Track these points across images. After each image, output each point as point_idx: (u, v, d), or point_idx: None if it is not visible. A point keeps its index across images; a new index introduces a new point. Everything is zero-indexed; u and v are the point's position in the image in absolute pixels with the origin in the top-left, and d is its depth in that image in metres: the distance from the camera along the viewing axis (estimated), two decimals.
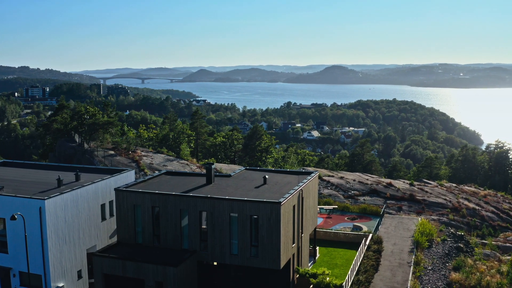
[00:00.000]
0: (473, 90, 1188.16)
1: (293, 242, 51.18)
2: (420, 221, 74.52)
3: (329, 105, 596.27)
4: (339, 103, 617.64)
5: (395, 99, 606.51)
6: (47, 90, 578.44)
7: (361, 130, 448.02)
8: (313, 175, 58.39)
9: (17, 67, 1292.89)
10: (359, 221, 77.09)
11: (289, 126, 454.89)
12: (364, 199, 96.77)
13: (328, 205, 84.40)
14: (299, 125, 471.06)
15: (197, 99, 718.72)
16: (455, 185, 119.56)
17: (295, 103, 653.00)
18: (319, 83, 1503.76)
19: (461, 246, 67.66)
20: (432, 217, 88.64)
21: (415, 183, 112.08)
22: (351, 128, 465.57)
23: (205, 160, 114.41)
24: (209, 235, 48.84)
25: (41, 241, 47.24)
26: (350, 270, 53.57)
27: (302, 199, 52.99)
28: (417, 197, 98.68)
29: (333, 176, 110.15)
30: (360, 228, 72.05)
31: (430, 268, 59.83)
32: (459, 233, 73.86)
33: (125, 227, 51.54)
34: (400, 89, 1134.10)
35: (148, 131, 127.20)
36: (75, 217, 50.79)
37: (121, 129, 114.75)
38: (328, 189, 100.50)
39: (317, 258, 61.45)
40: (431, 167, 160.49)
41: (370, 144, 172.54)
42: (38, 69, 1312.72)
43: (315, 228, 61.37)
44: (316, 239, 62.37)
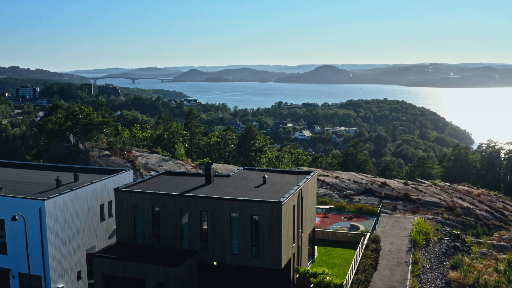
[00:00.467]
0: (463, 89, 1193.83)
1: (293, 241, 51.24)
2: (416, 220, 74.85)
3: (320, 105, 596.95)
4: (330, 103, 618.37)
5: (386, 98, 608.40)
6: (38, 90, 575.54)
7: (352, 129, 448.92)
8: (311, 174, 58.49)
9: (7, 67, 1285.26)
10: (355, 220, 77.32)
11: (281, 126, 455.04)
12: (359, 199, 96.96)
13: (324, 205, 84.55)
14: (291, 124, 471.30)
15: (188, 99, 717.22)
16: (448, 184, 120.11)
17: (286, 103, 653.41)
18: (310, 83, 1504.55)
19: (458, 245, 68.00)
20: (427, 216, 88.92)
21: (409, 182, 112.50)
22: (343, 127, 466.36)
23: (200, 160, 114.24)
24: (209, 235, 48.79)
25: (41, 242, 47.00)
26: (350, 269, 53.72)
27: (301, 198, 53.08)
28: (412, 196, 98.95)
29: (328, 175, 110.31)
30: (357, 227, 72.26)
31: (428, 267, 60.09)
32: (455, 232, 74.21)
33: (124, 227, 51.38)
34: (390, 89, 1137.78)
35: (142, 131, 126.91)
36: (75, 218, 50.58)
37: (115, 129, 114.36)
38: (323, 188, 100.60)
39: (315, 257, 61.56)
40: (423, 167, 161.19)
41: (363, 143, 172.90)
42: (28, 69, 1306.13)
43: (314, 227, 61.47)
44: (314, 238, 62.45)
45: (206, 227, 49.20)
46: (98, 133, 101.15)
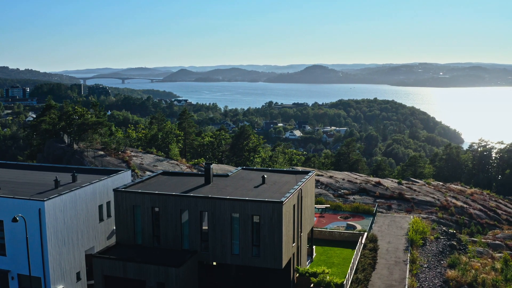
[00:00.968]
0: (453, 89, 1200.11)
1: (293, 241, 51.29)
2: (413, 220, 75.17)
3: (311, 105, 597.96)
4: (321, 103, 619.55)
5: (376, 98, 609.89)
6: (28, 90, 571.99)
7: (343, 129, 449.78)
8: (310, 174, 58.57)
9: None
10: (352, 220, 77.50)
11: (271, 126, 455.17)
12: (354, 198, 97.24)
13: (320, 204, 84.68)
14: (281, 124, 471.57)
15: (178, 99, 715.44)
16: (441, 183, 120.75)
17: (276, 103, 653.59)
18: (300, 83, 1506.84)
19: (454, 244, 68.35)
20: (421, 215, 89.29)
21: (403, 181, 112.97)
22: (333, 127, 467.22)
23: (194, 160, 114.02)
24: (210, 235, 48.72)
25: (41, 243, 46.72)
26: (349, 268, 53.86)
27: (301, 198, 53.14)
28: (406, 196, 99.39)
29: (322, 175, 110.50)
30: (354, 227, 72.44)
31: (425, 266, 60.38)
32: (451, 231, 74.60)
33: (124, 228, 51.19)
34: (380, 89, 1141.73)
35: (137, 131, 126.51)
36: (74, 218, 50.32)
37: (109, 129, 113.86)
38: (318, 188, 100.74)
39: (314, 257, 61.64)
40: (415, 166, 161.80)
41: (355, 143, 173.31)
42: (17, 69, 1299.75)
43: (312, 227, 61.56)
44: (313, 238, 62.53)
45: (206, 227, 49.14)
46: (92, 133, 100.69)
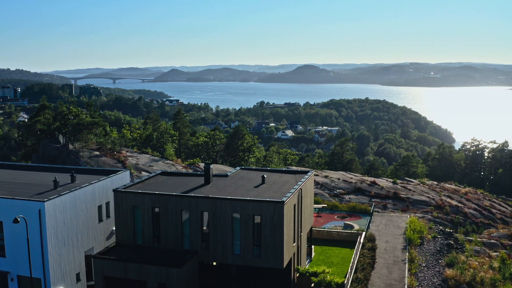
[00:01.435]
0: (444, 89, 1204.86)
1: (294, 241, 51.32)
2: (410, 219, 75.42)
3: (302, 105, 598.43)
4: (312, 102, 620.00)
5: (367, 98, 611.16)
6: (19, 90, 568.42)
7: (335, 129, 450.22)
8: (309, 174, 58.64)
9: None
10: (349, 219, 77.63)
11: (263, 125, 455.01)
12: (349, 198, 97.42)
13: (317, 204, 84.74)
14: (273, 124, 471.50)
15: (170, 99, 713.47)
16: (436, 183, 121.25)
17: (268, 103, 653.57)
18: (291, 83, 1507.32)
19: (452, 243, 68.65)
20: (416, 214, 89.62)
21: (398, 181, 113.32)
22: (325, 127, 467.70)
23: (190, 160, 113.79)
24: (210, 235, 48.64)
25: (41, 244, 46.44)
26: (349, 268, 53.95)
27: (301, 198, 53.18)
28: (401, 195, 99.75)
29: (318, 175, 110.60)
30: (351, 226, 72.57)
31: (424, 265, 60.59)
32: (448, 230, 74.93)
33: (124, 228, 51.01)
34: (372, 88, 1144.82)
35: (132, 132, 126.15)
36: (73, 219, 50.07)
37: (104, 130, 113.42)
38: (313, 188, 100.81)
39: (313, 256, 61.69)
40: (408, 165, 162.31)
41: (349, 143, 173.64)
42: (8, 69, 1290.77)
43: (311, 227, 61.63)
44: (312, 238, 62.60)
45: (206, 227, 49.05)
46: (87, 134, 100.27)
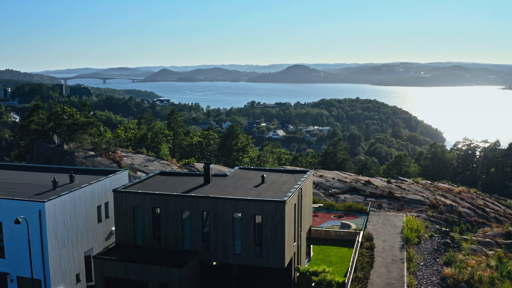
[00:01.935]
0: (434, 88, 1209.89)
1: (294, 240, 51.38)
2: (407, 218, 75.71)
3: (293, 104, 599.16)
4: (303, 102, 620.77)
5: (358, 98, 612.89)
6: (9, 90, 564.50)
7: (326, 129, 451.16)
8: (308, 173, 58.73)
9: None
10: (346, 218, 77.82)
11: (254, 125, 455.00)
12: (344, 197, 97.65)
13: (313, 203, 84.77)
14: (264, 124, 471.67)
15: (161, 99, 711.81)
16: (429, 182, 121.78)
17: (259, 103, 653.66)
18: (282, 82, 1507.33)
19: (449, 241, 69.02)
20: (411, 213, 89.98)
21: (392, 180, 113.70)
22: (316, 127, 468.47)
23: (185, 160, 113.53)
24: (211, 235, 48.58)
25: (41, 245, 46.15)
26: (350, 267, 54.07)
27: (301, 197, 53.25)
28: (396, 194, 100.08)
29: (312, 174, 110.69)
30: (348, 225, 72.73)
31: (422, 263, 60.86)
32: (444, 229, 75.32)
33: (124, 228, 50.83)
34: (362, 88, 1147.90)
35: (126, 132, 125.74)
36: (73, 220, 49.80)
37: (98, 130, 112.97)
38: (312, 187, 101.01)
39: (311, 256, 61.76)
40: (400, 165, 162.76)
41: (342, 142, 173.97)
42: None
43: (310, 226, 61.72)
44: (310, 237, 62.67)
45: (207, 227, 48.99)
46: (82, 134, 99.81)
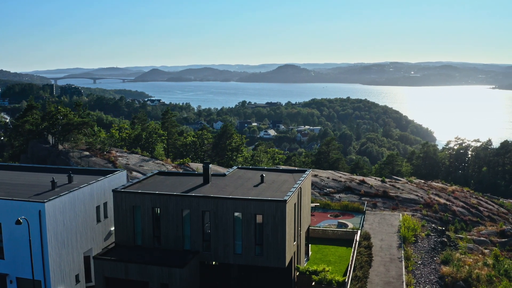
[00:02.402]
0: (424, 88, 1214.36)
1: (294, 240, 51.45)
2: (403, 217, 76.02)
3: (284, 104, 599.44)
4: (294, 102, 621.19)
5: (349, 97, 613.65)
6: None
7: (317, 128, 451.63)
8: (307, 173, 58.83)
9: None
10: (342, 218, 77.97)
11: (246, 125, 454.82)
12: (339, 196, 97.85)
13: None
14: (255, 124, 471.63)
15: (151, 99, 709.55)
16: (423, 181, 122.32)
17: (249, 102, 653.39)
18: (272, 82, 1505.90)
19: (445, 240, 69.35)
20: (406, 212, 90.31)
21: (386, 179, 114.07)
22: (307, 126, 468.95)
23: (180, 160, 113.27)
24: (212, 235, 48.53)
25: (41, 246, 45.91)
26: (349, 266, 54.21)
27: (300, 197, 53.34)
28: (390, 194, 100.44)
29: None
30: (345, 225, 72.92)
31: (420, 262, 61.10)
32: (440, 228, 75.67)
33: (123, 229, 50.65)
34: (353, 88, 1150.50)
35: (120, 132, 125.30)
36: (73, 220, 49.56)
37: (92, 130, 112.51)
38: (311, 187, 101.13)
39: (309, 255, 61.85)
40: (393, 164, 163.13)
41: (335, 142, 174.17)
42: None
43: (309, 226, 61.81)
44: (309, 236, 62.76)
45: (208, 226, 48.94)
46: (77, 134, 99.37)
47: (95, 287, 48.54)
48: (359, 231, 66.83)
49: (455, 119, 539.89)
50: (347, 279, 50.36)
